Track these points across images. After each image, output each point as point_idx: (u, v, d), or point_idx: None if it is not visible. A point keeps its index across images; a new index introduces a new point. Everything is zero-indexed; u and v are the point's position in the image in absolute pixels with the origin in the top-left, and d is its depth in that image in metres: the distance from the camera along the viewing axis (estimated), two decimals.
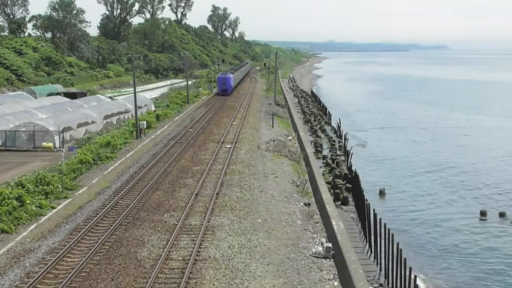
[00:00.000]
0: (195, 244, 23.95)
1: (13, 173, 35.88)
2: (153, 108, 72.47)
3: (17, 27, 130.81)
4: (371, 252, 28.13)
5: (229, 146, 47.54)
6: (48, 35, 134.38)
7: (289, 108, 78.43)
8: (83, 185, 34.57)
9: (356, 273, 20.52)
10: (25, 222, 27.24)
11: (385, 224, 26.21)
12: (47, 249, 23.79)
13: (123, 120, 60.99)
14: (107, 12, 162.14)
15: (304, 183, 36.27)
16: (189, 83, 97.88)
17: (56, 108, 57.66)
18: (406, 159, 54.20)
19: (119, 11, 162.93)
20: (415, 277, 21.76)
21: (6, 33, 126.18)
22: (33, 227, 26.80)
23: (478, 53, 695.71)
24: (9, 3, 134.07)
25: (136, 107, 54.30)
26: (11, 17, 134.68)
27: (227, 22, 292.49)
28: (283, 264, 22.67)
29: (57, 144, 45.66)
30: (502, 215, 35.98)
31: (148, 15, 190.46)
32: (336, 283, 21.66)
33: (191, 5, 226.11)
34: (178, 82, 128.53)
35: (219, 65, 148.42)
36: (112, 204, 29.82)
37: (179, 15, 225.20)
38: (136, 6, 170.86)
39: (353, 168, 40.94)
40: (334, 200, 34.39)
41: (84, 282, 20.43)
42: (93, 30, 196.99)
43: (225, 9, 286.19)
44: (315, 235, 26.64)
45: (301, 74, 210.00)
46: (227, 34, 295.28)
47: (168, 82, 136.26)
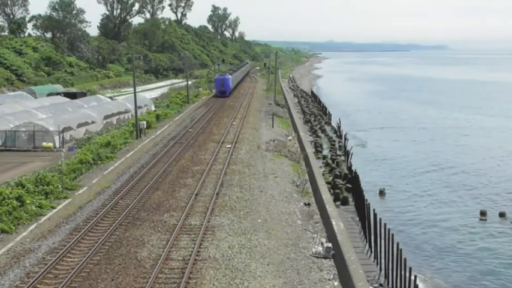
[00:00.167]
0: (195, 244, 23.96)
1: (13, 173, 35.88)
2: (153, 108, 72.48)
3: (17, 27, 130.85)
4: (371, 252, 28.13)
5: (229, 146, 47.55)
6: (48, 35, 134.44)
7: (289, 108, 78.43)
8: (83, 185, 34.57)
9: (356, 273, 20.52)
10: (25, 222, 27.25)
11: (385, 224, 26.20)
12: (47, 249, 23.80)
13: (123, 120, 60.99)
14: (107, 12, 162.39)
15: (304, 183, 36.26)
16: (189, 83, 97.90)
17: (56, 108, 57.67)
18: (406, 159, 54.20)
19: (119, 11, 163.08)
20: (415, 277, 21.75)
21: (6, 33, 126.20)
22: (33, 227, 26.80)
23: (478, 53, 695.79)
24: (9, 3, 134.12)
25: (136, 107, 54.31)
26: (11, 17, 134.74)
27: (227, 22, 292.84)
28: (283, 264, 22.68)
29: (57, 144, 45.67)
30: (502, 215, 35.97)
31: (148, 15, 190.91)
32: (336, 283, 21.67)
33: (191, 5, 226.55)
34: (178, 82, 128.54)
35: (219, 65, 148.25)
36: (112, 204, 29.82)
37: (179, 15, 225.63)
38: (136, 6, 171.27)
39: (353, 168, 40.92)
40: (334, 200, 34.40)
41: (84, 282, 20.43)
42: (93, 30, 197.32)
43: (225, 9, 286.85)
44: (315, 235, 26.64)
45: (301, 74, 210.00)
46: (227, 34, 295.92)
47: (168, 82, 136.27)
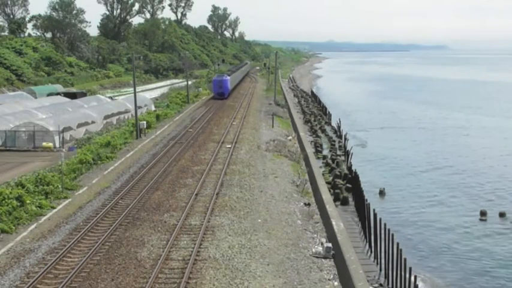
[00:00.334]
0: (195, 244, 23.96)
1: (13, 173, 35.89)
2: (153, 108, 72.48)
3: (17, 27, 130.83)
4: (371, 252, 28.13)
5: (229, 146, 47.55)
6: (48, 35, 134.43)
7: (289, 108, 78.44)
8: (83, 185, 34.58)
9: (356, 273, 20.52)
10: (25, 222, 27.25)
11: (385, 224, 26.21)
12: (47, 249, 23.80)
13: (123, 120, 60.99)
14: (107, 12, 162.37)
15: (304, 183, 36.26)
16: (189, 83, 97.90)
17: (56, 108, 57.67)
18: (406, 159, 54.18)
19: (119, 11, 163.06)
20: (415, 277, 21.76)
21: (6, 33, 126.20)
22: (33, 227, 26.81)
23: (478, 53, 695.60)
24: (9, 3, 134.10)
25: (137, 107, 54.31)
26: (11, 17, 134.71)
27: (227, 22, 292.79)
28: (283, 264, 22.68)
29: (57, 144, 45.67)
30: (502, 215, 35.96)
31: (148, 15, 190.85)
32: (336, 283, 21.67)
33: (191, 5, 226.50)
34: (178, 82, 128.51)
35: (219, 65, 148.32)
36: (112, 204, 29.83)
37: (179, 15, 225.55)
38: (136, 6, 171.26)
39: (353, 168, 40.92)
40: (334, 200, 34.40)
41: (84, 282, 20.44)
42: (93, 30, 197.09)
43: (225, 9, 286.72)
44: (315, 235, 26.64)
45: (301, 74, 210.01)
46: (227, 34, 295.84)
47: (168, 82, 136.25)
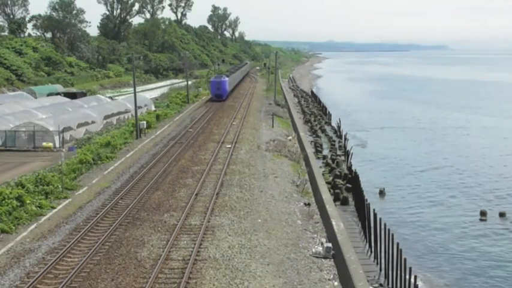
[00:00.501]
0: (195, 244, 23.95)
1: (13, 173, 35.88)
2: (153, 108, 72.48)
3: (17, 27, 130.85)
4: (371, 252, 28.13)
5: (229, 146, 47.55)
6: (48, 35, 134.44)
7: (289, 108, 78.44)
8: (83, 185, 34.57)
9: (356, 273, 20.52)
10: (25, 222, 27.25)
11: (385, 224, 26.21)
12: (47, 249, 23.80)
13: (123, 120, 60.99)
14: (107, 12, 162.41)
15: (304, 183, 36.26)
16: (189, 83, 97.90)
17: (56, 108, 57.67)
18: (406, 159, 54.18)
19: (119, 11, 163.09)
20: (415, 277, 21.76)
21: (6, 33, 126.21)
22: (33, 227, 26.80)
23: (478, 53, 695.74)
24: (9, 3, 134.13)
25: (137, 107, 54.30)
26: (11, 17, 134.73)
27: (227, 22, 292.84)
28: (283, 264, 22.67)
29: (57, 144, 45.67)
30: (502, 215, 35.97)
31: (148, 15, 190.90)
32: (336, 283, 21.66)
33: (191, 5, 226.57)
34: (178, 82, 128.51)
35: (219, 65, 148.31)
36: (112, 204, 29.83)
37: (179, 15, 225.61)
38: (136, 6, 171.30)
39: (353, 168, 40.92)
40: (334, 200, 34.39)
41: (84, 282, 20.43)
42: (93, 30, 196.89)
43: (225, 9, 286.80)
44: (315, 235, 26.64)
45: (301, 74, 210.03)
46: (227, 34, 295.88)
47: (168, 82, 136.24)
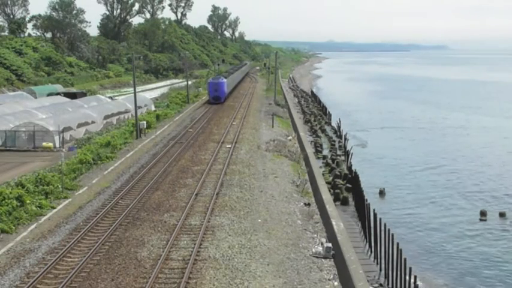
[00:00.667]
0: (195, 244, 23.95)
1: (13, 173, 35.88)
2: (153, 108, 72.48)
3: (17, 27, 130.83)
4: (371, 252, 28.13)
5: (229, 146, 47.55)
6: (48, 35, 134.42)
7: (289, 108, 78.43)
8: (83, 185, 34.57)
9: (356, 273, 20.52)
10: (25, 222, 27.25)
11: (385, 224, 26.20)
12: (47, 249, 23.80)
13: (123, 120, 60.99)
14: (107, 12, 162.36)
15: (304, 183, 36.26)
16: (189, 83, 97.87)
17: (56, 108, 57.67)
18: (406, 159, 54.18)
19: (119, 11, 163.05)
20: (415, 277, 21.77)
21: (6, 33, 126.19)
22: (33, 227, 26.80)
23: (478, 53, 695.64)
24: (9, 3, 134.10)
25: (137, 107, 54.30)
26: (11, 17, 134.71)
27: (227, 22, 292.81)
28: (283, 264, 22.67)
29: (57, 144, 45.67)
30: (502, 215, 35.97)
31: (148, 15, 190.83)
32: (336, 283, 21.66)
33: (191, 5, 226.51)
34: (178, 82, 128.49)
35: (219, 65, 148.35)
36: (112, 204, 29.83)
37: (179, 15, 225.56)
38: (136, 6, 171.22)
39: (353, 168, 40.92)
40: (334, 200, 34.39)
41: (84, 282, 20.43)
42: (93, 30, 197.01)
43: (225, 9, 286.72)
44: (315, 235, 26.64)
45: (301, 74, 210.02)
46: (227, 34, 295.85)
47: (168, 82, 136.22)
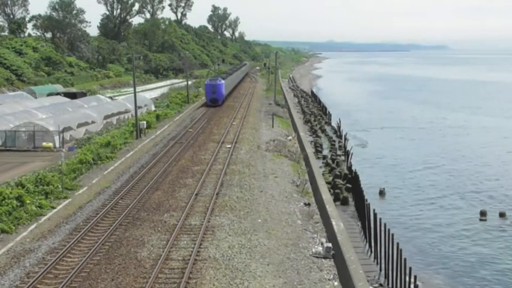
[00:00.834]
0: (195, 244, 23.96)
1: (13, 173, 35.88)
2: (153, 108, 72.47)
3: (17, 27, 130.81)
4: (371, 252, 28.13)
5: (229, 146, 47.55)
6: (48, 35, 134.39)
7: (289, 108, 78.43)
8: (83, 185, 34.57)
9: (356, 273, 20.52)
10: (25, 222, 27.24)
11: (385, 224, 26.19)
12: (47, 249, 23.80)
13: (123, 120, 60.98)
14: (107, 12, 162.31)
15: (304, 183, 36.26)
16: (189, 83, 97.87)
17: (56, 108, 57.67)
18: (406, 159, 54.19)
19: (119, 11, 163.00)
20: (415, 277, 21.76)
21: (6, 33, 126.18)
22: (33, 227, 26.80)
23: (478, 53, 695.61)
24: (9, 3, 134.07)
25: (137, 107, 54.30)
26: (11, 17, 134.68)
27: (227, 22, 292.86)
28: (283, 264, 22.67)
29: (57, 144, 45.67)
30: (502, 215, 35.97)
31: (148, 15, 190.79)
32: (336, 283, 21.66)
33: (191, 5, 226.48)
34: (178, 82, 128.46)
35: (219, 65, 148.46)
36: (112, 204, 29.83)
37: (179, 15, 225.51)
38: (136, 6, 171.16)
39: (353, 168, 40.91)
40: (334, 200, 34.39)
41: (84, 282, 20.44)
42: (93, 30, 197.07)
43: (225, 9, 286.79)
44: (315, 235, 26.64)
45: (301, 74, 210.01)
46: (227, 34, 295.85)
47: (168, 82, 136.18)
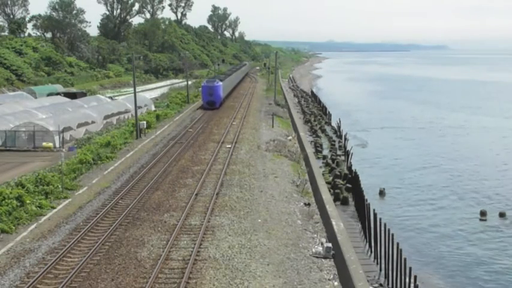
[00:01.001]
0: (195, 244, 23.96)
1: (13, 173, 35.89)
2: (153, 108, 72.47)
3: (17, 27, 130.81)
4: (371, 252, 28.13)
5: (229, 146, 47.55)
6: (48, 35, 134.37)
7: (289, 108, 78.43)
8: (83, 185, 34.57)
9: (356, 273, 20.52)
10: (25, 222, 27.25)
11: (385, 224, 26.20)
12: (47, 249, 23.80)
13: (123, 120, 60.98)
14: (107, 12, 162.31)
15: (304, 183, 36.26)
16: (189, 83, 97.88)
17: (56, 108, 57.67)
18: (406, 159, 54.19)
19: (119, 11, 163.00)
20: (415, 277, 21.76)
21: (6, 33, 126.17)
22: (33, 227, 26.80)
23: (478, 53, 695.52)
24: (9, 3, 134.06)
25: (137, 107, 54.30)
26: (11, 17, 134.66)
27: (227, 22, 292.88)
28: (283, 264, 22.67)
29: (57, 144, 45.68)
30: (502, 215, 35.98)
31: (148, 15, 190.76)
32: (336, 283, 21.66)
33: (191, 5, 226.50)
34: (178, 82, 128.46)
35: (219, 65, 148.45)
36: (112, 204, 29.83)
37: (179, 15, 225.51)
38: (136, 6, 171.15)
39: (353, 168, 40.92)
40: (334, 200, 34.39)
41: (84, 282, 20.44)
42: (93, 30, 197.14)
43: (225, 9, 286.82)
44: (315, 235, 26.64)
45: (301, 74, 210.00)
46: (227, 34, 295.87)
47: (168, 82, 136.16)
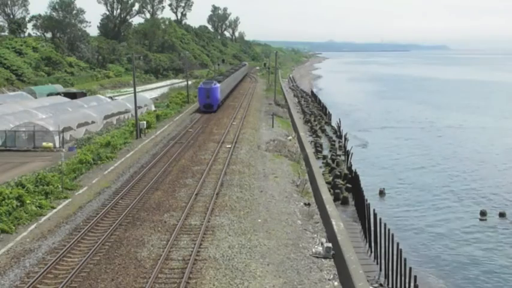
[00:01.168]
0: (195, 244, 23.96)
1: (13, 173, 35.89)
2: (153, 108, 72.46)
3: (17, 27, 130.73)
4: (371, 252, 28.15)
5: (229, 146, 47.55)
6: (48, 35, 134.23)
7: (289, 108, 78.44)
8: (83, 185, 34.58)
9: (356, 273, 20.52)
10: (25, 222, 27.24)
11: (385, 223, 26.23)
12: (47, 249, 23.79)
13: (123, 120, 60.97)
14: (107, 12, 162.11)
15: (304, 183, 36.26)
16: (189, 83, 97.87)
17: (56, 108, 57.67)
18: (406, 159, 54.22)
19: (119, 11, 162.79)
20: (415, 277, 21.78)
21: (6, 33, 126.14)
22: (33, 227, 26.81)
23: (478, 53, 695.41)
24: (9, 3, 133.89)
25: (137, 107, 54.30)
26: (11, 17, 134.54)
27: (227, 22, 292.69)
28: (283, 264, 22.68)
29: (57, 144, 45.68)
30: (502, 215, 36.00)
31: (148, 15, 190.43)
32: (336, 283, 21.66)
33: (191, 5, 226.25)
34: (178, 82, 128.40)
35: (219, 65, 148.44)
36: (112, 204, 29.83)
37: (179, 15, 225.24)
38: (136, 6, 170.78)
39: (353, 168, 40.95)
40: (334, 200, 34.41)
41: (84, 282, 20.44)
42: (93, 30, 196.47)
43: (225, 9, 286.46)
44: (315, 235, 26.65)
45: (301, 74, 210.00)
46: (227, 34, 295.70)
47: (168, 82, 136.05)
